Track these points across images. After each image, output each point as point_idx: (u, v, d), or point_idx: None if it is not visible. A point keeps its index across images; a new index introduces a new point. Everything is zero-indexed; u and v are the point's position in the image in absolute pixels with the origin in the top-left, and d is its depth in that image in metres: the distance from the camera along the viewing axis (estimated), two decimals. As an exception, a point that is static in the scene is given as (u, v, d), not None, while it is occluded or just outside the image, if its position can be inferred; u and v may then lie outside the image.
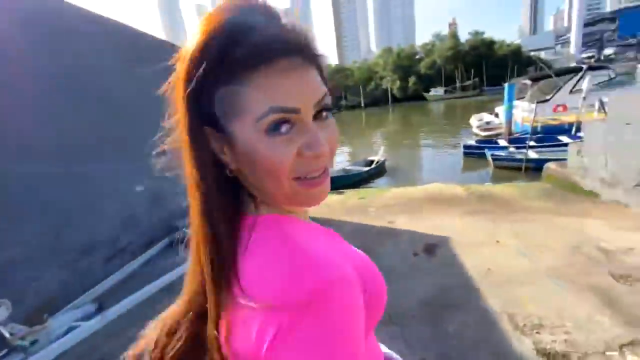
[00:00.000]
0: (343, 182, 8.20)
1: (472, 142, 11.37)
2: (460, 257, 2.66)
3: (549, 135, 9.91)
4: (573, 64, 16.44)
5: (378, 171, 9.75)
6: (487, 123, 13.64)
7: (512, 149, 9.57)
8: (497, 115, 13.83)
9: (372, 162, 10.04)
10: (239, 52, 0.31)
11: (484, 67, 50.86)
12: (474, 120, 14.61)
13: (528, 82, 12.08)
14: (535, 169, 7.30)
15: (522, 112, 11.35)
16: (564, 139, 9.31)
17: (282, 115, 0.33)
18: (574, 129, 9.77)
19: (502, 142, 10.55)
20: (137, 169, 3.55)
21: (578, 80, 10.58)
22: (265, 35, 0.32)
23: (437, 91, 49.75)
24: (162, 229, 3.84)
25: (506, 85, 11.63)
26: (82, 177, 2.95)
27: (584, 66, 11.06)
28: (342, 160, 11.83)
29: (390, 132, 22.11)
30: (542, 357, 1.45)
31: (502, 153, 9.39)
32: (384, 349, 0.56)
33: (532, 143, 8.95)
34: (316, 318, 0.29)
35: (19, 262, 2.38)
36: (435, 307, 1.98)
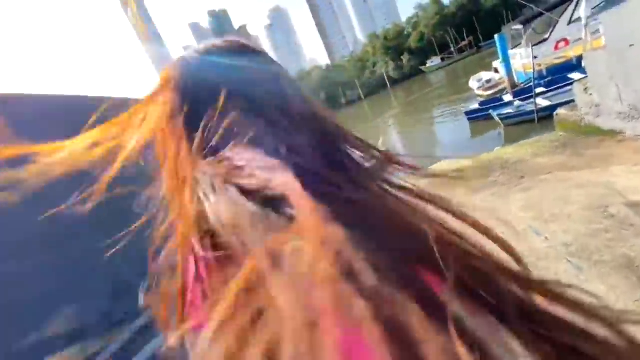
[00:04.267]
0: None
1: (474, 105, 10.64)
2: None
3: (558, 76, 9.09)
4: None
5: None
6: (488, 81, 12.83)
7: (517, 103, 8.83)
8: (496, 70, 12.96)
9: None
10: None
11: (476, 23, 48.78)
12: (473, 82, 13.81)
13: (519, 27, 11.20)
14: (550, 117, 6.63)
15: (522, 59, 10.51)
16: (576, 75, 8.46)
17: None
18: (583, 62, 8.89)
19: (508, 98, 9.78)
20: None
21: (575, 9, 9.67)
22: None
23: (434, 61, 48.22)
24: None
25: (496, 37, 10.89)
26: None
27: (577, -8, 10.11)
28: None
29: (395, 115, 21.47)
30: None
31: (509, 110, 8.68)
32: None
33: (540, 90, 8.19)
34: None
35: None
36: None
